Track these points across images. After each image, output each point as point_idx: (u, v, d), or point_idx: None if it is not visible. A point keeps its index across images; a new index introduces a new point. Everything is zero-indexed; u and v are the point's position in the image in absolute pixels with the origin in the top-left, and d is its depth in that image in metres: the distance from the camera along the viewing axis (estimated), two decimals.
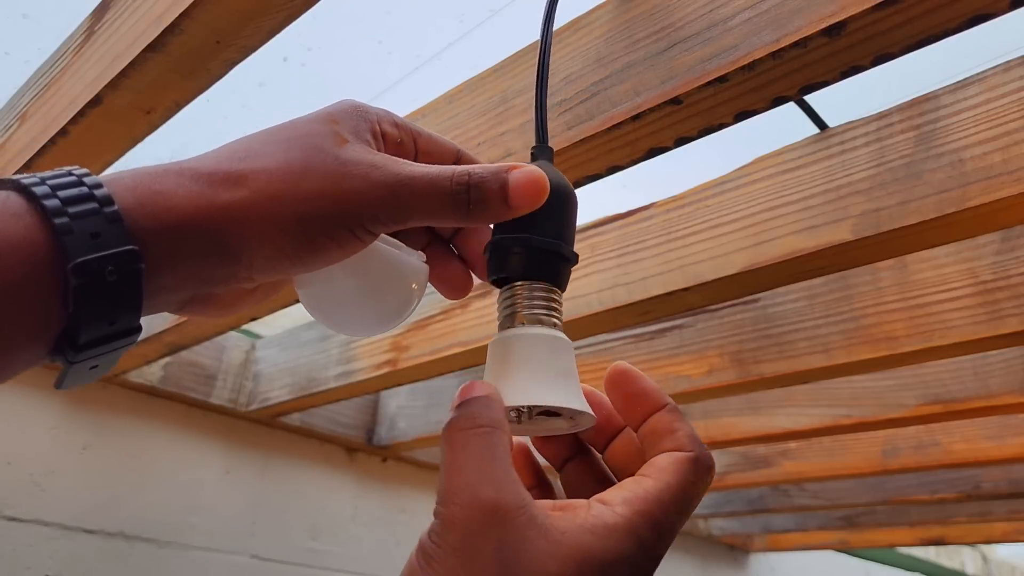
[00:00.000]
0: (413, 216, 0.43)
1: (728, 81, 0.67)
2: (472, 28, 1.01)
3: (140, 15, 0.80)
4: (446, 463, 0.40)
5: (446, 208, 0.43)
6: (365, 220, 0.42)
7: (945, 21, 0.59)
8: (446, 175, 0.43)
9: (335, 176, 0.42)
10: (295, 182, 0.42)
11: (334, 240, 0.42)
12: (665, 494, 0.40)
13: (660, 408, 0.45)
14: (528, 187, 0.44)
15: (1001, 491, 2.15)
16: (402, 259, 0.50)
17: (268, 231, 0.41)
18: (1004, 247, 1.04)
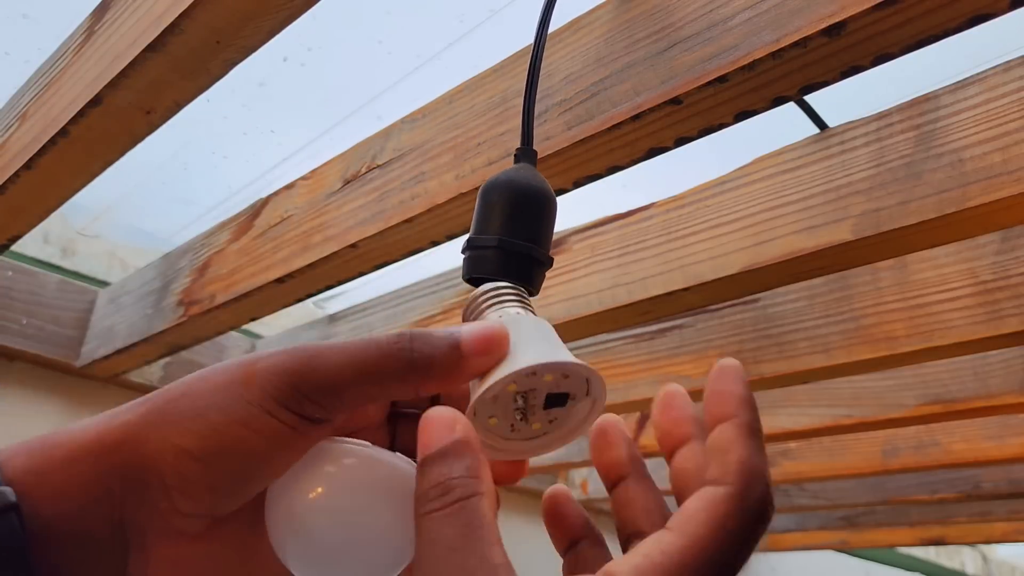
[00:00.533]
0: (347, 383, 0.36)
1: (728, 81, 0.67)
2: (472, 28, 1.01)
3: (140, 15, 0.80)
4: (416, 556, 0.33)
5: (387, 368, 0.36)
6: (279, 392, 0.36)
7: (945, 21, 0.59)
8: (382, 339, 0.37)
9: (244, 363, 0.37)
10: (202, 377, 0.37)
11: (247, 426, 0.35)
12: (691, 554, 0.31)
13: (729, 417, 0.34)
14: (483, 337, 0.38)
15: (1001, 491, 2.14)
16: (391, 470, 0.38)
17: (169, 437, 0.35)
18: (1004, 247, 1.04)
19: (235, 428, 0.35)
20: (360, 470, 0.38)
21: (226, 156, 1.32)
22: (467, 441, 0.34)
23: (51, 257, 1.56)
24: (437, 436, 0.34)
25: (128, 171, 1.07)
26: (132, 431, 0.35)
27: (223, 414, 0.35)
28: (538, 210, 0.49)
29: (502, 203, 0.48)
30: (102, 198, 1.44)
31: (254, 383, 0.36)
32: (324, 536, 0.36)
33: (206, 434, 0.35)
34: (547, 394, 0.40)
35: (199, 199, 1.44)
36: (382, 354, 0.36)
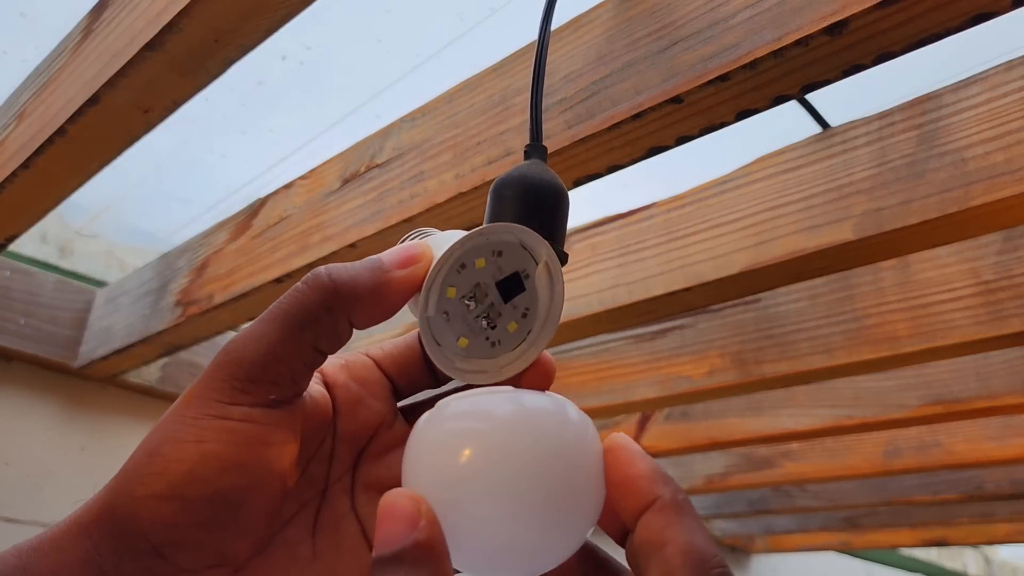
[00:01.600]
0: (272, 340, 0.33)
1: (729, 80, 0.67)
2: (472, 26, 1.00)
3: (138, 14, 0.79)
4: None
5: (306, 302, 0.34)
6: (218, 394, 0.33)
7: (947, 20, 0.59)
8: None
9: (180, 399, 0.34)
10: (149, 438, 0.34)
11: (202, 442, 0.32)
12: None
13: (649, 505, 0.30)
14: (400, 250, 0.36)
15: (1003, 492, 2.14)
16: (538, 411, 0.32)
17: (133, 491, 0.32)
18: (1006, 247, 1.03)
19: (191, 449, 0.32)
20: (524, 417, 0.31)
21: (224, 155, 1.32)
22: (430, 545, 0.29)
23: (49, 257, 1.55)
24: (395, 532, 0.29)
25: (126, 170, 1.07)
26: (105, 501, 0.33)
27: (175, 442, 0.32)
28: (552, 206, 0.48)
29: (516, 199, 0.47)
30: (100, 197, 1.44)
31: (193, 400, 0.33)
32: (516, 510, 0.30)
33: (166, 469, 0.32)
34: (498, 284, 0.36)
35: (197, 198, 1.43)
36: (300, 296, 0.33)
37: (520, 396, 0.32)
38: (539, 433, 0.31)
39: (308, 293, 0.33)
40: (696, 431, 1.73)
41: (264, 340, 0.33)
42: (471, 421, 0.31)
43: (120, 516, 0.32)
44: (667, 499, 0.29)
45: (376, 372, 0.39)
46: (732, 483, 2.13)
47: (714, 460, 2.16)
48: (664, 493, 0.30)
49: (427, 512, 0.29)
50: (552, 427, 0.31)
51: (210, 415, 0.32)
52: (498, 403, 0.31)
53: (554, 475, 0.30)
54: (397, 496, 0.30)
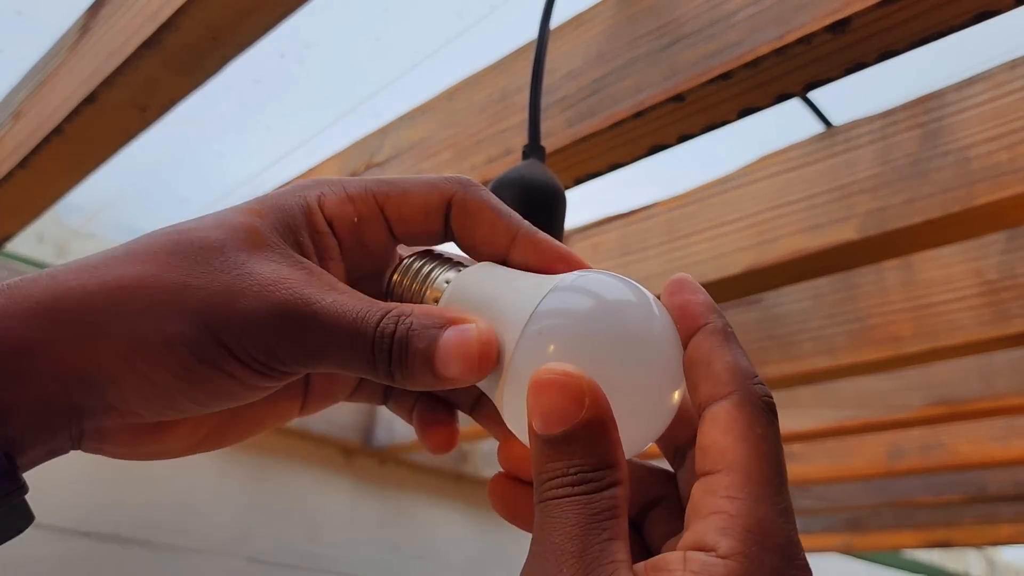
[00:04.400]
0: (319, 362, 0.33)
1: (732, 78, 0.67)
2: (471, 24, 1.00)
3: (135, 12, 0.79)
4: (535, 539, 0.29)
5: (362, 362, 0.32)
6: (259, 352, 0.32)
7: (950, 18, 0.58)
8: (374, 317, 0.32)
9: (221, 291, 0.32)
10: (162, 295, 0.32)
11: (225, 372, 0.32)
12: (753, 485, 0.29)
13: (700, 328, 0.32)
14: (458, 353, 0.32)
15: (1007, 493, 2.14)
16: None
17: (124, 358, 0.31)
18: (1010, 246, 1.03)
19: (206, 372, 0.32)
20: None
21: (222, 154, 1.32)
22: (599, 420, 0.29)
23: (45, 256, 1.55)
24: (563, 409, 0.29)
25: (123, 169, 1.07)
26: (76, 345, 0.31)
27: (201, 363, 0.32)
28: (549, 206, 0.48)
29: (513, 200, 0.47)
30: (97, 197, 1.43)
31: (238, 342, 0.32)
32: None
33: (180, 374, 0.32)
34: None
35: (195, 197, 1.43)
36: (365, 348, 0.32)
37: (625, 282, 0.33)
38: (651, 310, 0.33)
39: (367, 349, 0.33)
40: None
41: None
42: (610, 302, 0.32)
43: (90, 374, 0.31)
44: (717, 325, 0.32)
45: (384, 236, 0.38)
46: None
47: None
48: (714, 320, 0.32)
49: (590, 385, 0.29)
50: (654, 303, 0.33)
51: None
52: (621, 286, 0.33)
53: (668, 346, 0.32)
54: (556, 372, 0.29)
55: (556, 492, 0.29)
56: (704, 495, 0.29)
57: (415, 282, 0.36)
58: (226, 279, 0.32)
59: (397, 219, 0.37)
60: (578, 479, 0.29)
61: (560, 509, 0.28)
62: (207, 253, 0.32)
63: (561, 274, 0.34)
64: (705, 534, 0.28)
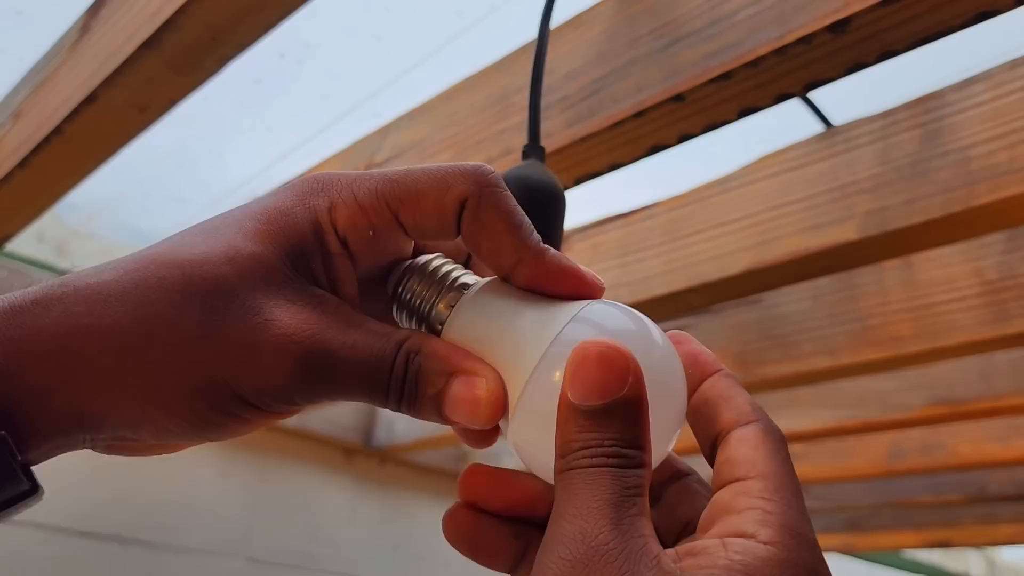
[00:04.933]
0: (335, 398, 0.33)
1: (732, 78, 0.66)
2: (471, 24, 1.00)
3: (135, 12, 0.79)
4: (553, 510, 0.30)
5: (377, 398, 0.33)
6: (277, 401, 0.32)
7: (950, 18, 0.58)
8: (388, 356, 0.32)
9: (239, 348, 0.31)
10: (178, 347, 0.31)
11: (240, 419, 0.32)
12: (784, 492, 0.31)
13: (712, 374, 0.35)
14: (466, 406, 0.32)
15: (1007, 493, 2.14)
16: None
17: (139, 407, 0.31)
18: (1010, 246, 1.03)
19: (214, 416, 0.32)
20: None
21: (222, 154, 1.32)
22: (639, 402, 0.30)
23: (45, 256, 1.55)
24: (605, 382, 0.30)
25: (123, 169, 1.07)
26: (84, 382, 0.31)
27: (210, 407, 0.32)
28: (549, 207, 0.48)
29: None
30: (97, 197, 1.43)
31: (250, 388, 0.32)
32: None
33: (187, 417, 0.32)
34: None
35: (194, 197, 1.43)
36: (379, 384, 0.33)
37: (599, 303, 0.35)
38: (664, 340, 0.34)
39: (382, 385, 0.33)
40: None
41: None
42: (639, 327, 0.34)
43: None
44: (727, 371, 0.36)
45: (399, 243, 0.38)
46: None
47: None
48: (724, 367, 0.36)
49: (635, 363, 0.30)
50: (659, 335, 0.35)
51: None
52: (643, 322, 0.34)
53: (678, 376, 0.34)
54: (606, 345, 0.30)
55: (591, 460, 0.29)
56: (736, 496, 0.31)
57: (427, 290, 0.36)
58: (244, 328, 0.31)
59: (412, 224, 0.36)
60: (613, 451, 0.29)
61: (594, 477, 0.29)
62: (222, 297, 0.32)
63: (570, 305, 0.34)
64: (743, 525, 0.29)
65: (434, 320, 0.35)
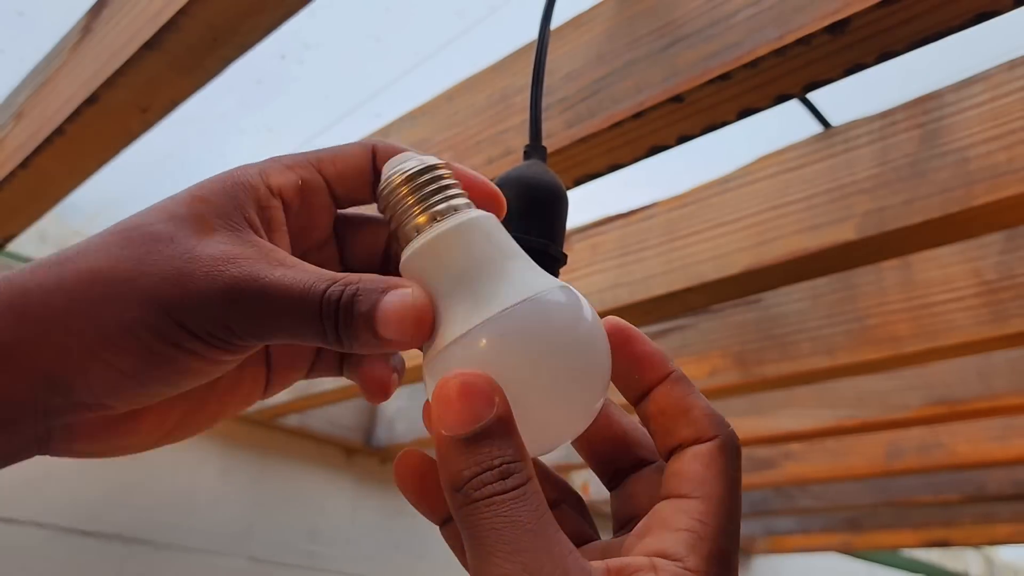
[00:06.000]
0: (273, 333, 0.34)
1: (731, 79, 0.67)
2: (472, 25, 1.00)
3: (137, 13, 0.79)
4: (469, 549, 0.30)
5: (312, 330, 0.34)
6: (215, 328, 0.33)
7: (949, 19, 0.59)
8: (320, 287, 0.33)
9: (174, 275, 0.33)
10: (118, 285, 0.33)
11: (186, 350, 0.33)
12: (722, 516, 0.32)
13: (664, 377, 0.35)
14: (397, 316, 0.33)
15: (1005, 492, 2.14)
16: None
17: (89, 350, 0.33)
18: (1009, 246, 1.03)
19: (170, 353, 0.33)
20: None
21: (223, 154, 1.32)
22: (509, 416, 0.31)
23: None
24: (474, 409, 0.31)
25: (124, 170, 1.07)
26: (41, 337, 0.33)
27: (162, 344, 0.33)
28: (552, 206, 0.48)
29: (515, 200, 0.47)
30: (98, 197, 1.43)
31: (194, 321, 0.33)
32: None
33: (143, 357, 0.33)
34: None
35: None
36: (314, 318, 0.33)
37: (541, 297, 0.34)
38: (559, 332, 0.33)
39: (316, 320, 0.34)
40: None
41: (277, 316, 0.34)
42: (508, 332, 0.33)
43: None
44: (679, 373, 0.35)
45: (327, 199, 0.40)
46: None
47: None
48: (676, 369, 0.36)
49: (498, 388, 0.31)
50: (568, 322, 0.34)
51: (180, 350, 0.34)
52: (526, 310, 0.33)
53: (572, 366, 0.34)
54: (467, 376, 0.31)
55: (488, 490, 0.30)
56: (675, 513, 0.32)
57: (410, 197, 0.36)
58: (177, 263, 0.33)
59: (336, 180, 0.38)
60: (504, 471, 0.30)
61: (503, 507, 0.29)
62: (158, 243, 0.34)
63: (511, 291, 0.34)
64: (673, 545, 0.31)
65: (402, 236, 0.36)
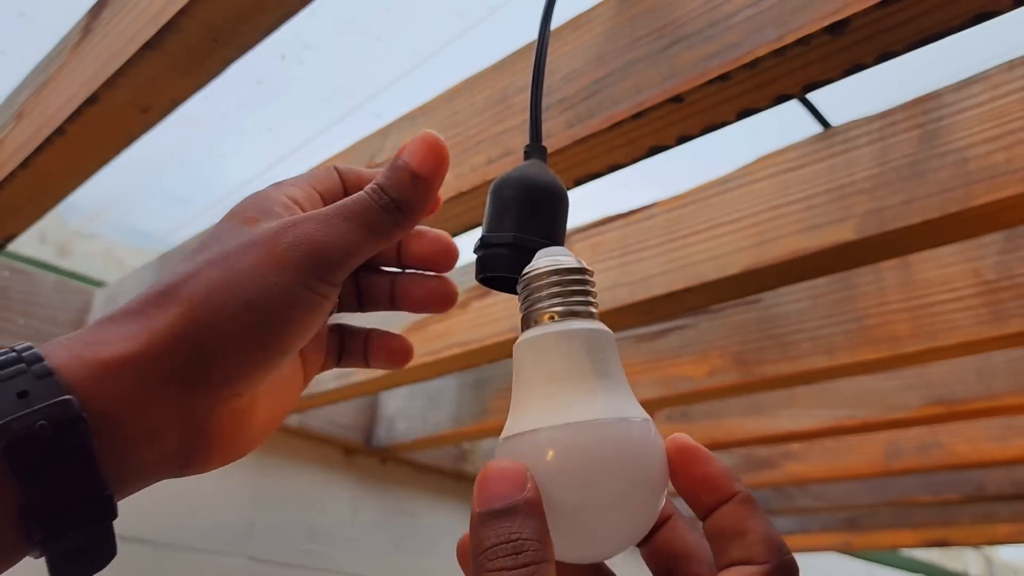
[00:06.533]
0: (361, 245, 0.40)
1: (730, 79, 0.67)
2: (472, 25, 1.00)
3: (137, 13, 0.79)
4: None
5: (383, 223, 0.41)
6: (310, 271, 0.39)
7: (949, 19, 0.59)
8: (365, 196, 0.42)
9: (264, 244, 0.39)
10: (229, 266, 0.38)
11: (293, 307, 0.39)
12: None
13: (729, 499, 0.36)
14: (421, 147, 0.42)
15: (1005, 492, 2.14)
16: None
17: (222, 329, 0.37)
18: (1008, 246, 1.03)
19: (284, 310, 0.38)
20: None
21: (223, 155, 1.32)
22: (537, 502, 0.33)
23: (47, 257, 1.55)
24: (505, 490, 0.33)
25: (125, 170, 1.07)
26: (183, 334, 0.37)
27: (269, 301, 0.38)
28: (552, 206, 0.48)
29: (516, 200, 0.47)
30: (99, 197, 1.44)
31: (287, 264, 0.38)
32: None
33: (262, 322, 0.38)
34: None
35: (196, 198, 1.43)
36: (376, 212, 0.41)
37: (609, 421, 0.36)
38: (614, 459, 0.36)
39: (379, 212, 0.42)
40: (697, 431, 1.73)
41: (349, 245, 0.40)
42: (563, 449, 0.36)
43: (205, 351, 0.37)
44: (744, 495, 0.36)
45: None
46: None
47: None
48: (740, 489, 0.36)
49: (530, 475, 0.34)
50: (627, 454, 0.36)
51: (304, 287, 0.39)
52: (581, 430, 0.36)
53: (621, 487, 0.36)
54: (502, 463, 0.34)
55: (499, 562, 0.32)
56: None
57: (531, 294, 0.40)
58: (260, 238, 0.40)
59: (325, 195, 0.45)
60: (518, 546, 0.32)
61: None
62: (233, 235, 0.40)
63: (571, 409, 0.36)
64: None
65: (531, 318, 0.40)
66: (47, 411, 0.34)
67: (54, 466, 0.34)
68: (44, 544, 0.35)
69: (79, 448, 0.34)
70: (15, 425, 0.33)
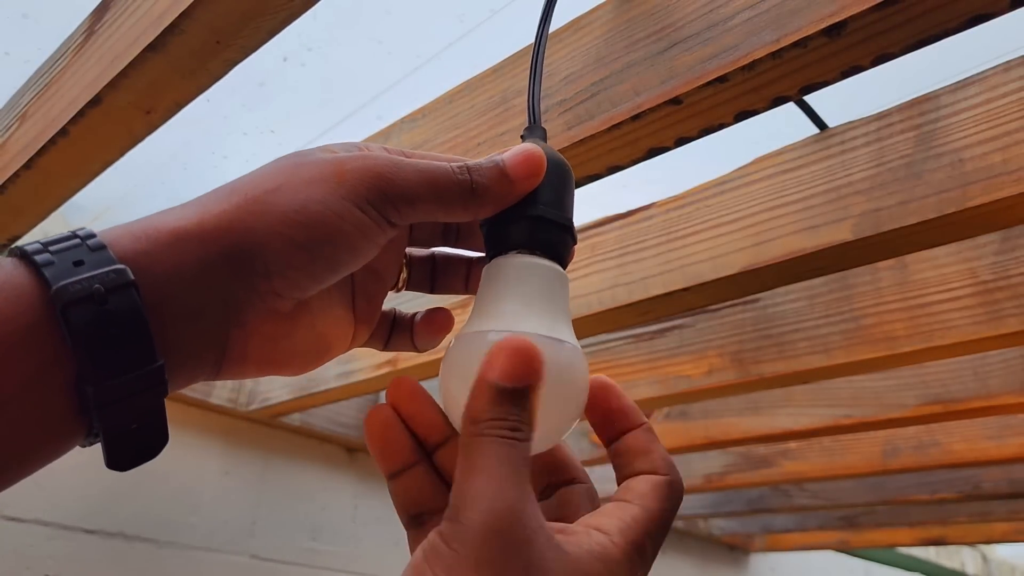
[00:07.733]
0: (421, 199, 0.42)
1: (728, 81, 0.67)
2: (472, 28, 1.00)
3: (140, 15, 0.80)
4: (465, 466, 0.36)
5: (453, 192, 0.43)
6: (369, 193, 0.41)
7: (945, 21, 0.59)
8: (446, 164, 0.44)
9: (333, 163, 0.41)
10: (294, 173, 0.41)
11: (343, 219, 0.40)
12: (650, 523, 0.41)
13: (637, 427, 0.45)
14: (524, 160, 0.45)
15: (1001, 491, 2.15)
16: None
17: (272, 224, 0.39)
18: (1004, 247, 1.04)
19: (333, 219, 0.40)
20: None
21: (226, 156, 1.32)
22: (538, 392, 0.38)
23: None
24: (523, 372, 0.37)
25: (128, 171, 1.07)
26: (234, 219, 0.39)
27: (322, 206, 0.39)
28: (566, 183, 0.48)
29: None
30: (102, 198, 1.44)
31: (346, 182, 0.40)
32: None
33: (310, 223, 0.39)
34: None
35: None
36: (450, 180, 0.43)
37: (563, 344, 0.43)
38: (581, 374, 0.44)
39: (456, 184, 0.43)
40: (695, 430, 1.74)
41: (415, 187, 0.42)
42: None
43: (253, 239, 0.39)
44: (648, 425, 0.45)
45: None
46: (730, 482, 2.13)
47: (713, 459, 2.17)
48: (645, 420, 0.45)
49: (542, 366, 0.38)
50: (580, 365, 0.44)
51: (357, 205, 0.41)
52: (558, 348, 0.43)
53: (579, 395, 0.44)
54: (523, 341, 0.38)
55: (498, 432, 0.36)
56: (617, 509, 0.41)
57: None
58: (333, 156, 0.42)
59: None
60: (514, 425, 0.37)
61: (504, 447, 0.36)
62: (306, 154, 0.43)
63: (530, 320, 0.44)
64: (608, 526, 0.39)
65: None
66: (102, 277, 0.35)
67: (109, 328, 0.35)
68: (99, 411, 0.35)
69: (132, 313, 0.35)
70: (72, 287, 0.34)
